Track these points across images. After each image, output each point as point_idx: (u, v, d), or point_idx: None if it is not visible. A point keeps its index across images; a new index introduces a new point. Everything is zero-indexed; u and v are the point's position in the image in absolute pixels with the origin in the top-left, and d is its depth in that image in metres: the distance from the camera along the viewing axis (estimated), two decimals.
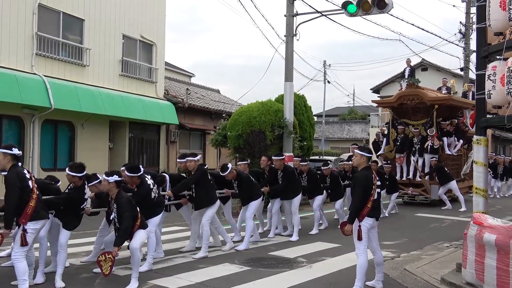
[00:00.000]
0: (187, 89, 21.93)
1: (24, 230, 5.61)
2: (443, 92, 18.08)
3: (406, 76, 17.24)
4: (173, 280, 6.55)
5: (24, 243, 5.59)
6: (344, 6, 12.63)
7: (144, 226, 6.57)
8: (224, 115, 16.77)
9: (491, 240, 5.38)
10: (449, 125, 16.22)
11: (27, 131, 14.11)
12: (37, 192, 5.83)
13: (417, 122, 16.04)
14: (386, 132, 17.05)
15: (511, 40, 6.09)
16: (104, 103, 15.80)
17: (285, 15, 14.31)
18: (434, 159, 15.00)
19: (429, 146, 15.26)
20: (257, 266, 7.46)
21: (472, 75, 22.44)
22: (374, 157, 15.07)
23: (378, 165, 13.06)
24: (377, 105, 23.29)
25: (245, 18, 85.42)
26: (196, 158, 8.24)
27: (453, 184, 14.84)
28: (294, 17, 14.22)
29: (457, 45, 24.67)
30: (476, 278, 5.73)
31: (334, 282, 6.57)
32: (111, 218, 6.50)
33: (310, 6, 14.30)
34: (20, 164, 5.82)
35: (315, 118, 21.20)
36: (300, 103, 16.49)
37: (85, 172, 6.71)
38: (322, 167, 11.49)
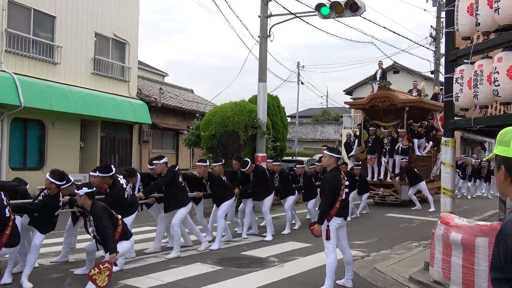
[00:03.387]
0: (161, 88, 21.79)
1: None
2: (414, 94, 18.37)
3: (378, 79, 17.40)
4: (144, 280, 6.51)
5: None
6: (318, 8, 12.70)
7: (127, 236, 6.38)
8: (197, 115, 16.70)
9: (457, 239, 5.50)
10: (420, 127, 16.52)
11: None
12: (13, 218, 5.93)
13: (388, 123, 16.28)
14: (358, 133, 17.24)
15: (478, 45, 6.24)
16: (76, 102, 15.58)
17: (259, 16, 14.35)
18: (404, 160, 15.26)
19: (400, 148, 15.52)
20: (229, 265, 7.48)
21: (442, 78, 22.82)
22: (345, 159, 15.26)
23: (348, 167, 13.21)
24: (349, 106, 23.50)
25: (220, 19, 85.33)
26: (161, 161, 8.11)
27: (423, 185, 15.12)
28: (268, 18, 14.27)
29: (428, 48, 24.99)
30: (443, 276, 5.85)
31: (305, 281, 6.63)
32: (90, 231, 6.25)
33: (284, 7, 14.37)
34: None
35: (289, 119, 21.32)
36: (274, 104, 16.58)
37: (64, 182, 6.54)
38: (295, 166, 11.57)
